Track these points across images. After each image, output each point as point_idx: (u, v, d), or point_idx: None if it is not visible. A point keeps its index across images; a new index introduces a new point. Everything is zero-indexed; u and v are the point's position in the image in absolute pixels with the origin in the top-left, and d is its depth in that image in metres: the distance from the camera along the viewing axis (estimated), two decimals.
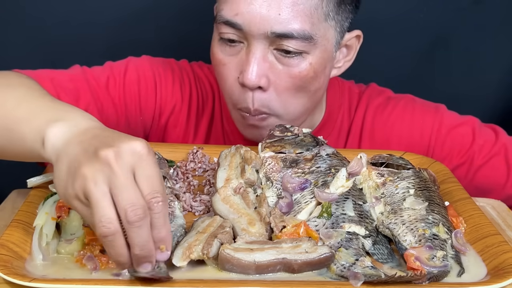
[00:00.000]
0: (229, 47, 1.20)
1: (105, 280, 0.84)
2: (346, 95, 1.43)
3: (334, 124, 1.41)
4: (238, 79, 1.20)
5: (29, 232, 0.93)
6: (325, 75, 1.25)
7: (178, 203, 0.99)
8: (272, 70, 1.19)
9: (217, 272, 0.88)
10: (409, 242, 0.96)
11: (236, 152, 1.13)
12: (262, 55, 1.18)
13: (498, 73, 1.94)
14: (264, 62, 1.18)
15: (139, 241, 0.78)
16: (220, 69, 1.23)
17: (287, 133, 1.17)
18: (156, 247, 0.81)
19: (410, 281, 0.86)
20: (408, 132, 1.38)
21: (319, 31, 1.18)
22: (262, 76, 1.18)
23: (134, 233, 0.78)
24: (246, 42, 1.18)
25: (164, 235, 0.81)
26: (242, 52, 1.19)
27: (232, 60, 1.21)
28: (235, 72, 1.21)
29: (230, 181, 1.05)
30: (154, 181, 0.79)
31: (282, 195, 1.04)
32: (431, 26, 1.87)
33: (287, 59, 1.18)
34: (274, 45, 1.17)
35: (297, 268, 0.87)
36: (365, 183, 1.08)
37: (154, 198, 0.78)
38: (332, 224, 0.97)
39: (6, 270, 0.82)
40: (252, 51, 1.17)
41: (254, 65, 1.17)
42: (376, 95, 1.43)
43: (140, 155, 0.79)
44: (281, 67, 1.19)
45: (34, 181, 1.05)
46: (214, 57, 1.24)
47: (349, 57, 1.31)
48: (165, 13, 1.82)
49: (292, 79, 1.19)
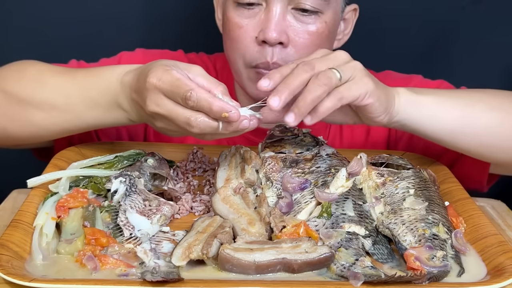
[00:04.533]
0: (247, 10, 1.25)
1: (105, 280, 0.84)
2: None
3: None
4: (257, 38, 1.24)
5: (29, 232, 0.93)
6: (334, 39, 1.32)
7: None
8: (291, 28, 1.24)
9: (217, 272, 0.88)
10: (409, 242, 0.96)
11: (236, 152, 1.13)
12: (282, 13, 1.23)
13: (498, 73, 1.94)
14: (284, 20, 1.23)
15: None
16: (236, 32, 1.26)
17: (287, 133, 1.17)
18: (221, 119, 0.96)
19: (410, 281, 0.86)
20: None
21: None
22: (282, 32, 1.23)
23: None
24: (264, 3, 1.23)
25: (216, 109, 0.95)
26: (260, 13, 1.24)
27: (249, 22, 1.25)
28: (252, 32, 1.25)
29: (230, 181, 1.05)
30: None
31: (282, 195, 1.04)
32: (431, 26, 1.87)
33: (305, 17, 1.24)
34: (293, 4, 1.22)
35: (297, 268, 0.87)
36: (365, 183, 1.08)
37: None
38: (332, 224, 0.97)
39: (6, 270, 0.82)
40: (272, 9, 1.22)
41: (275, 22, 1.22)
42: None
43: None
44: (299, 25, 1.24)
45: (34, 181, 1.05)
46: (230, 22, 1.27)
47: (347, 31, 1.38)
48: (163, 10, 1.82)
49: (310, 36, 1.25)
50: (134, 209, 0.99)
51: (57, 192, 1.02)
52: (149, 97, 1.00)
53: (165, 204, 1.02)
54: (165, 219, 1.00)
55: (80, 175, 1.08)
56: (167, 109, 0.99)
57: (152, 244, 0.93)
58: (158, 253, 0.90)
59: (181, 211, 1.07)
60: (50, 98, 1.16)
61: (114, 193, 1.01)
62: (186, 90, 0.96)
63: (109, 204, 1.00)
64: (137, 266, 0.88)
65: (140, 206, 1.00)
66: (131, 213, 0.98)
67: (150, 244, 0.92)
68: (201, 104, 0.96)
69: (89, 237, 0.91)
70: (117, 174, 1.04)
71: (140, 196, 1.01)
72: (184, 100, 0.96)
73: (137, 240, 0.93)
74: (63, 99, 1.16)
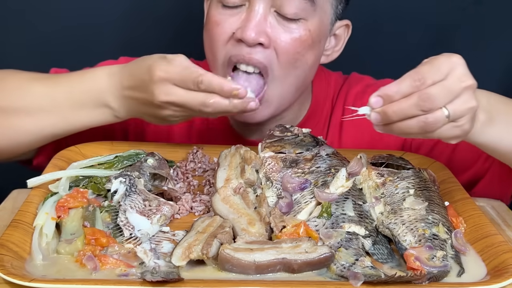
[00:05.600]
0: (230, 10, 1.21)
1: (105, 280, 0.84)
2: (332, 86, 1.44)
3: (320, 116, 1.42)
4: (234, 35, 1.20)
5: (29, 232, 0.93)
6: (319, 50, 1.27)
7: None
8: (273, 31, 1.20)
9: (217, 272, 0.88)
10: (409, 242, 0.96)
11: (236, 152, 1.13)
12: (263, 14, 1.19)
13: (498, 73, 1.94)
14: (265, 21, 1.19)
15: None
16: (214, 30, 1.23)
17: (287, 133, 1.17)
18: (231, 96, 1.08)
19: (410, 281, 0.86)
20: None
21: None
22: (262, 32, 1.19)
23: None
24: (248, 3, 1.20)
25: (227, 88, 1.08)
26: (241, 13, 1.20)
27: (228, 19, 1.21)
28: (229, 29, 1.21)
29: (230, 181, 1.05)
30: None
31: (282, 195, 1.04)
32: (431, 26, 1.86)
33: (287, 23, 1.20)
34: (275, 6, 1.19)
35: (297, 268, 0.87)
36: (365, 183, 1.08)
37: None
38: (332, 224, 0.97)
39: (6, 270, 0.82)
40: (253, 9, 1.19)
41: (254, 22, 1.18)
42: (355, 83, 1.44)
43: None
44: (282, 29, 1.20)
45: (34, 181, 1.05)
46: (210, 20, 1.24)
47: (337, 47, 1.34)
48: (160, 12, 1.82)
49: (293, 42, 1.21)
50: (134, 209, 0.99)
51: (57, 192, 1.02)
52: (157, 89, 1.09)
53: (165, 204, 1.02)
54: (165, 219, 1.00)
55: (80, 175, 1.08)
56: (180, 95, 1.09)
57: (152, 244, 0.93)
58: (158, 253, 0.90)
59: (181, 211, 1.07)
60: (35, 103, 1.20)
61: (114, 193, 1.01)
62: (196, 76, 1.08)
63: (109, 204, 1.00)
64: (137, 266, 0.88)
65: (140, 206, 1.00)
66: (131, 213, 0.98)
67: (150, 244, 0.92)
68: (213, 86, 1.08)
69: (89, 237, 0.91)
70: (117, 174, 1.04)
71: (140, 196, 1.01)
72: (197, 84, 1.07)
73: (137, 240, 0.93)
74: (48, 102, 1.19)
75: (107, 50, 1.59)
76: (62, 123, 1.21)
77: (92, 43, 1.81)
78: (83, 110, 1.19)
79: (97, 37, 1.81)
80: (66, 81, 1.22)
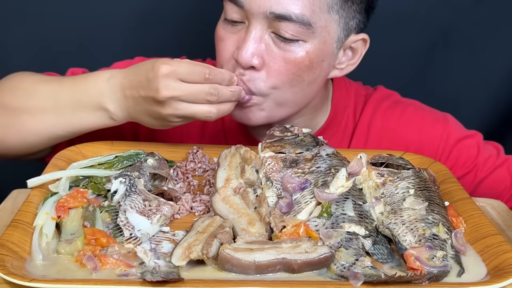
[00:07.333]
0: (231, 26, 1.23)
1: (105, 280, 0.84)
2: (352, 97, 1.43)
3: (339, 125, 1.41)
4: (234, 53, 1.22)
5: (29, 232, 0.93)
6: (321, 69, 1.25)
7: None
8: (268, 52, 1.20)
9: (217, 272, 0.88)
10: (409, 242, 0.96)
11: (236, 152, 1.13)
12: (260, 35, 1.19)
13: (498, 72, 1.94)
14: (261, 42, 1.20)
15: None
16: (219, 45, 1.26)
17: (287, 133, 1.17)
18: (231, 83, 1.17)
19: (410, 281, 0.86)
20: (416, 138, 1.39)
21: (319, 20, 1.19)
22: (256, 55, 1.20)
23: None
24: (247, 21, 1.20)
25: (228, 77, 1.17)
26: (242, 31, 1.22)
27: (231, 37, 1.23)
28: (231, 47, 1.23)
29: (230, 181, 1.05)
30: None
31: (282, 195, 1.04)
32: (431, 26, 1.87)
33: (284, 44, 1.19)
34: (272, 28, 1.19)
35: (297, 268, 0.87)
36: (365, 183, 1.08)
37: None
38: (332, 224, 0.97)
39: (6, 270, 0.82)
40: (250, 30, 1.19)
41: (250, 44, 1.19)
42: (384, 98, 1.44)
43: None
44: (277, 50, 1.20)
45: (34, 181, 1.05)
46: (217, 34, 1.27)
47: (353, 61, 1.31)
48: (168, 14, 1.82)
49: (287, 64, 1.20)
50: (134, 209, 0.99)
51: (57, 192, 1.02)
52: (162, 84, 1.12)
53: (165, 204, 1.02)
54: (165, 219, 1.00)
55: (80, 175, 1.08)
56: (184, 88, 1.13)
57: (152, 244, 0.93)
58: (158, 253, 0.90)
59: (181, 211, 1.07)
60: (40, 103, 1.23)
61: (114, 193, 1.01)
62: (203, 69, 1.13)
63: (109, 204, 1.00)
64: (137, 266, 0.88)
65: (140, 206, 1.00)
66: (131, 213, 0.98)
67: (150, 244, 0.92)
68: (217, 76, 1.14)
69: (89, 237, 0.91)
70: (117, 175, 1.04)
71: (140, 196, 1.01)
72: (203, 76, 1.13)
73: (137, 240, 0.93)
74: (52, 103, 1.22)
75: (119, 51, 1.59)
76: (64, 124, 1.23)
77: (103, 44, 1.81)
78: (83, 112, 1.21)
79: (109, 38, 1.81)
80: (71, 83, 1.24)
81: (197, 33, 1.80)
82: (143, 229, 0.96)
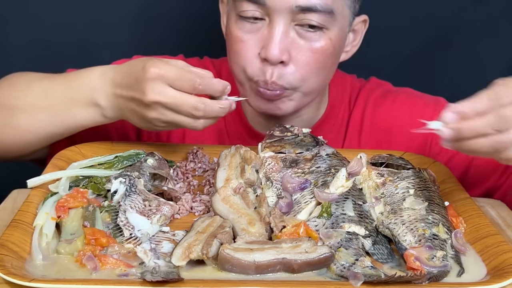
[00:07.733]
0: (250, 24, 1.22)
1: (105, 280, 0.84)
2: (348, 89, 1.44)
3: (336, 118, 1.42)
4: (260, 54, 1.21)
5: (29, 232, 0.93)
6: (339, 53, 1.29)
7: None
8: (294, 46, 1.21)
9: (217, 272, 0.88)
10: (409, 242, 0.96)
11: (236, 152, 1.13)
12: (285, 31, 1.20)
13: (498, 72, 1.94)
14: (286, 37, 1.20)
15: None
16: (238, 46, 1.24)
17: (287, 133, 1.17)
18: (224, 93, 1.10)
19: (410, 281, 0.86)
20: (408, 124, 1.37)
21: (338, 7, 1.21)
22: (284, 50, 1.20)
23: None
24: (268, 18, 1.20)
25: (221, 88, 1.09)
26: (263, 28, 1.21)
27: (252, 37, 1.22)
28: (255, 48, 1.22)
29: (230, 181, 1.05)
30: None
31: (282, 195, 1.04)
32: (431, 26, 1.86)
33: (309, 34, 1.21)
34: (297, 21, 1.19)
35: (297, 268, 0.87)
36: (365, 183, 1.08)
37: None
38: (332, 224, 0.97)
39: (6, 270, 0.82)
40: (274, 26, 1.19)
41: (277, 40, 1.19)
42: (375, 88, 1.45)
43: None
44: (302, 42, 1.21)
45: (34, 181, 1.05)
46: (232, 35, 1.25)
47: (355, 42, 1.35)
48: (167, 13, 1.82)
49: (314, 54, 1.22)
50: (134, 209, 0.99)
51: (57, 192, 1.02)
52: (149, 87, 1.07)
53: (165, 204, 1.02)
54: (165, 219, 1.00)
55: (80, 175, 1.08)
56: (170, 96, 1.07)
57: (152, 244, 0.93)
58: (158, 253, 0.90)
59: (181, 211, 1.07)
60: (34, 101, 1.22)
61: (114, 193, 1.01)
62: (194, 77, 1.07)
63: (109, 204, 1.00)
64: (137, 266, 0.88)
65: (140, 206, 1.00)
66: (131, 213, 0.98)
67: (150, 244, 0.92)
68: (208, 87, 1.08)
69: (89, 237, 0.91)
70: (117, 175, 1.04)
71: (140, 196, 1.01)
72: (193, 86, 1.06)
73: (137, 240, 0.93)
74: (45, 100, 1.21)
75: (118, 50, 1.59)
76: (58, 121, 1.22)
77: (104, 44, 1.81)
78: (75, 108, 1.19)
79: (109, 38, 1.81)
80: (64, 80, 1.23)
81: (195, 31, 1.80)
82: (143, 229, 0.96)
